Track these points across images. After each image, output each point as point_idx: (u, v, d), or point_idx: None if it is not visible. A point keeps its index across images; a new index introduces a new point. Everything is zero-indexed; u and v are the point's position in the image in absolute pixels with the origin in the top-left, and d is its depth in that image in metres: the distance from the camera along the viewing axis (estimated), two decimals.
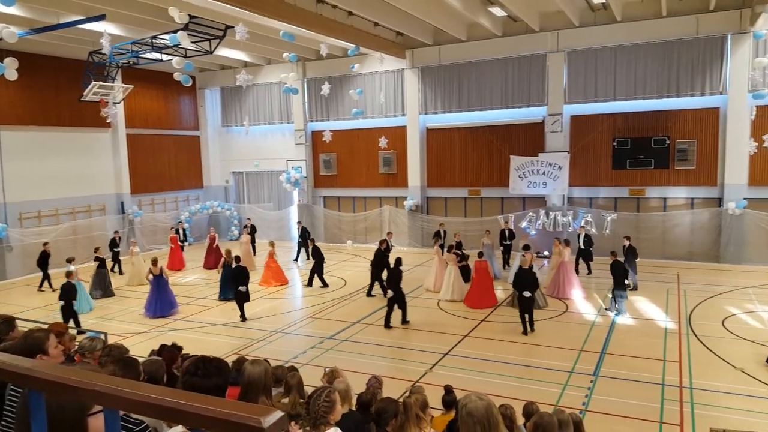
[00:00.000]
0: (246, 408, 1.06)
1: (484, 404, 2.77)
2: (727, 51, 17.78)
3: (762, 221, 17.77)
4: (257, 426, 1.01)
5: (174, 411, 1.14)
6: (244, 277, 13.73)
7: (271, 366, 3.93)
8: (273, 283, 17.29)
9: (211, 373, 2.56)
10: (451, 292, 14.89)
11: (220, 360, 2.71)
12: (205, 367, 2.57)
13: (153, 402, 1.17)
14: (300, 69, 24.51)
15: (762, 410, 8.16)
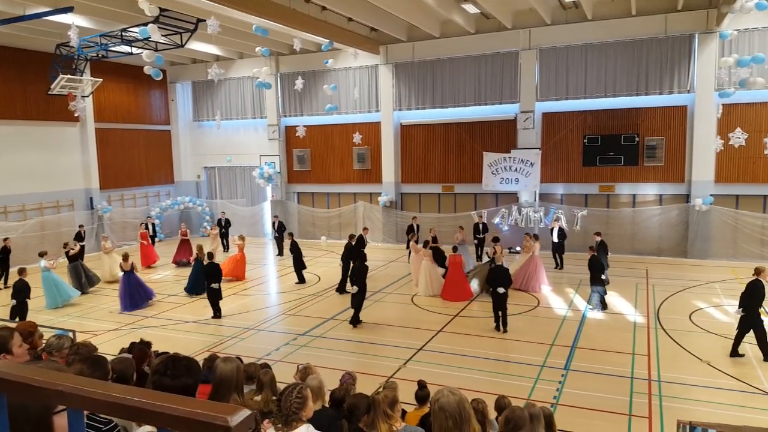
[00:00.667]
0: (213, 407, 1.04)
1: (456, 399, 2.79)
2: (694, 50, 18.19)
3: (728, 217, 18.27)
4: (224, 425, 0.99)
5: (140, 411, 1.11)
6: (216, 274, 13.43)
7: (243, 363, 3.89)
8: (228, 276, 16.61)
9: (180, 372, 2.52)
10: (430, 288, 14.90)
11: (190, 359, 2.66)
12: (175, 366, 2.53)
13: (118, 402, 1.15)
14: (273, 63, 24.29)
15: (727, 402, 8.40)
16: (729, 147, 16.18)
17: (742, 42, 17.31)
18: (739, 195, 18.36)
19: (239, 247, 17.58)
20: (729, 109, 17.33)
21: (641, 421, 7.92)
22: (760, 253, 17.74)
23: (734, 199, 18.42)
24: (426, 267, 15.08)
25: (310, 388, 4.14)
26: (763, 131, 16.36)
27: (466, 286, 14.64)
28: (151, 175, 26.47)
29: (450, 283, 14.54)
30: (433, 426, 2.84)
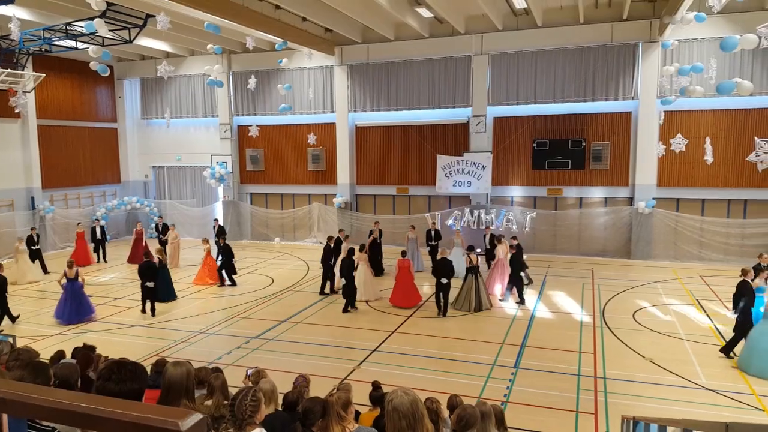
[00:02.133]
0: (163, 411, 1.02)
1: (410, 399, 2.82)
2: (638, 58, 18.93)
3: (669, 220, 19.08)
4: (175, 429, 0.98)
5: (87, 417, 1.08)
6: (151, 272, 13.60)
7: (193, 367, 3.81)
8: (209, 282, 16.79)
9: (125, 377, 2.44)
10: (363, 292, 14.48)
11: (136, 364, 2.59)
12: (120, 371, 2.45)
13: (64, 408, 1.11)
14: (225, 61, 23.88)
15: (668, 397, 8.77)
16: (670, 152, 16.91)
17: (683, 52, 18.13)
18: (679, 198, 19.21)
19: (206, 250, 17.19)
20: (670, 116, 18.12)
21: (587, 417, 8.17)
22: (698, 255, 18.62)
23: (675, 202, 19.26)
24: (361, 271, 14.61)
25: (263, 391, 4.10)
26: (702, 137, 17.15)
27: (414, 290, 14.33)
28: (96, 174, 25.55)
29: (399, 287, 14.17)
30: (387, 426, 2.86)
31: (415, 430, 2.77)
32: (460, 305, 13.75)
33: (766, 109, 17.82)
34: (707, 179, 18.65)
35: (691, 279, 16.59)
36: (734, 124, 18.24)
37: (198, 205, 25.92)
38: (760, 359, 9.36)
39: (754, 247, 18.03)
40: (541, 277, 17.00)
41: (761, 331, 9.59)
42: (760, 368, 9.34)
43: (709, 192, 18.80)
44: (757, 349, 9.48)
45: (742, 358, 9.77)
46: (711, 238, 18.59)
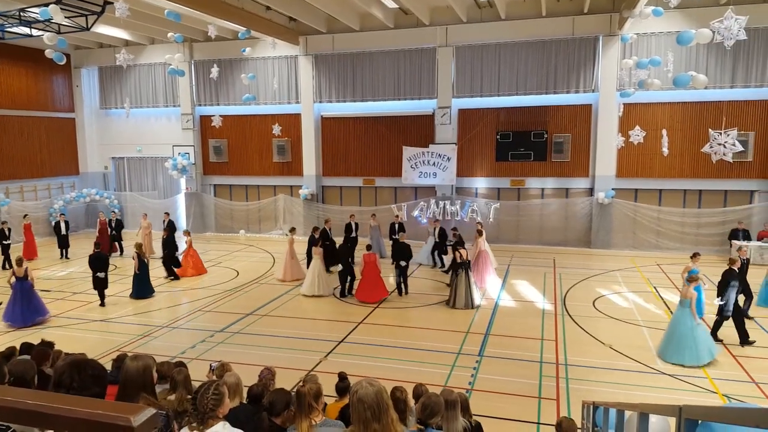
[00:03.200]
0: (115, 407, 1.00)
1: (375, 390, 2.83)
2: (598, 52, 19.29)
3: (627, 209, 19.60)
4: (127, 425, 0.96)
5: (35, 414, 1.05)
6: (101, 263, 13.64)
7: (154, 361, 3.74)
8: (192, 273, 16.66)
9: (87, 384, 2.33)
10: (315, 287, 14.32)
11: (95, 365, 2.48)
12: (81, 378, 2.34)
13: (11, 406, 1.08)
14: (187, 50, 23.35)
15: (626, 382, 9.04)
16: (629, 144, 17.32)
17: (642, 45, 18.55)
18: (637, 189, 19.75)
19: (188, 242, 16.94)
20: (629, 108, 18.56)
21: (550, 403, 8.37)
22: (656, 243, 19.20)
23: (633, 192, 19.79)
24: (314, 266, 14.52)
25: (227, 384, 4.06)
26: (659, 129, 17.59)
27: (380, 284, 13.99)
28: (53, 165, 24.75)
29: (365, 282, 13.84)
30: (352, 417, 2.87)
31: (380, 420, 2.78)
32: (454, 303, 13.22)
33: (721, 102, 18.43)
34: (664, 170, 19.21)
35: (648, 267, 17.10)
36: (690, 117, 18.81)
37: (160, 197, 25.38)
38: (678, 346, 9.62)
39: (709, 236, 18.75)
40: (505, 266, 17.27)
41: (677, 319, 9.88)
42: (679, 356, 9.60)
43: (666, 182, 19.38)
44: (675, 336, 9.72)
45: (662, 346, 9.98)
46: (668, 228, 19.19)
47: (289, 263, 16.25)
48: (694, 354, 9.54)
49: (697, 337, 9.59)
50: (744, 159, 18.07)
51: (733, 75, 18.12)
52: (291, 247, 16.31)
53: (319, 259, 14.65)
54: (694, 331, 9.61)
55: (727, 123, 16.86)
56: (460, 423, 4.56)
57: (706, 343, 9.68)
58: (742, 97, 18.34)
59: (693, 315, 9.70)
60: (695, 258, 12.63)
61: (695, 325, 9.66)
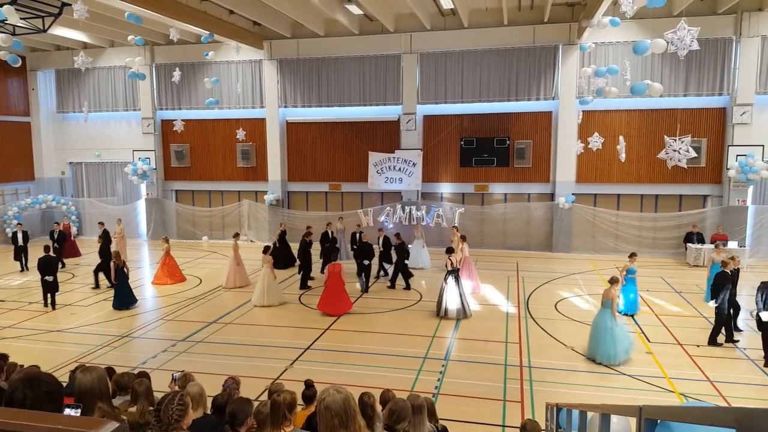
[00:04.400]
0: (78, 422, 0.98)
1: (342, 397, 2.82)
2: (558, 60, 19.75)
3: (587, 214, 20.08)
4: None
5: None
6: (50, 267, 13.69)
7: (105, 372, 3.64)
8: (169, 282, 16.26)
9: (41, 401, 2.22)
10: (264, 297, 13.87)
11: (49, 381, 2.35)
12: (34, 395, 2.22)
13: None
14: (148, 53, 22.93)
15: (588, 383, 9.25)
16: (588, 150, 17.74)
17: (600, 54, 19.07)
18: (596, 194, 20.26)
19: (165, 249, 16.49)
20: (588, 116, 19.03)
21: (514, 405, 8.48)
22: (614, 247, 19.71)
23: (592, 197, 20.30)
24: (264, 275, 13.96)
25: (190, 395, 3.99)
26: (617, 136, 18.08)
27: (344, 296, 13.28)
28: (7, 170, 23.87)
29: (328, 293, 13.19)
30: (319, 425, 2.86)
31: (347, 427, 2.78)
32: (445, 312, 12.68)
33: (675, 110, 19.06)
34: (622, 176, 19.76)
35: (608, 270, 17.52)
36: (646, 124, 19.42)
37: (119, 202, 24.77)
38: (606, 346, 9.90)
39: (665, 239, 19.36)
40: None
41: (599, 321, 10.15)
42: (607, 354, 9.89)
43: (623, 188, 19.94)
44: (602, 337, 9.98)
45: (590, 347, 10.23)
46: (626, 231, 19.73)
47: (234, 270, 16.04)
48: (612, 353, 9.87)
49: (615, 336, 9.92)
50: (697, 165, 18.74)
51: (686, 84, 18.81)
52: (236, 253, 16.11)
53: (268, 268, 14.08)
54: (613, 331, 9.94)
55: (681, 130, 17.46)
56: (426, 428, 4.58)
57: (623, 342, 10.01)
58: (695, 105, 19.05)
59: (613, 315, 10.06)
60: (632, 258, 13.14)
61: (614, 325, 9.99)
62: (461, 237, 15.78)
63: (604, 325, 10.00)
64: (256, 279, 14.93)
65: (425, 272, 17.57)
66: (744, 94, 18.34)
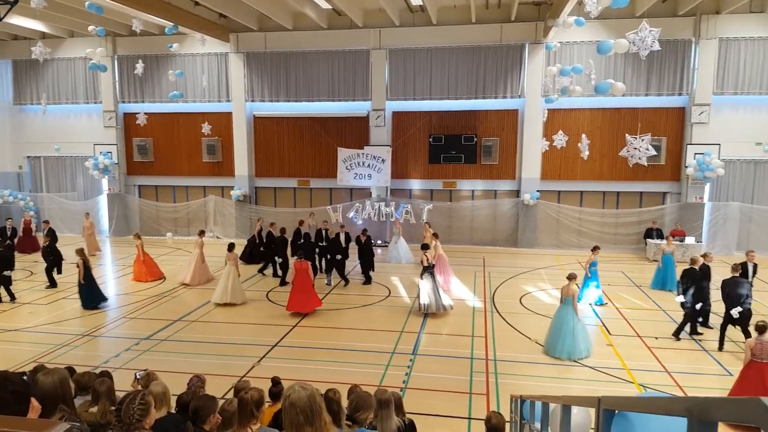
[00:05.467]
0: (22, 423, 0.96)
1: (307, 393, 2.82)
2: (525, 59, 20.02)
3: (551, 210, 20.46)
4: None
5: None
6: (7, 262, 13.88)
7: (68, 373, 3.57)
8: (148, 279, 15.92)
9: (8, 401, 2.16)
10: (227, 294, 13.63)
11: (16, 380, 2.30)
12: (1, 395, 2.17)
13: None
14: (109, 44, 22.35)
15: (551, 375, 9.46)
16: (553, 148, 18.08)
17: (565, 53, 19.42)
18: (560, 191, 20.65)
19: (138, 246, 16.03)
20: (553, 114, 19.38)
21: (480, 398, 8.62)
22: (578, 242, 20.14)
23: (557, 194, 20.69)
24: (228, 272, 13.76)
25: (153, 394, 3.94)
26: (581, 134, 18.45)
27: (312, 294, 13.11)
28: None
29: (295, 292, 12.98)
30: (285, 422, 2.85)
31: (312, 424, 2.79)
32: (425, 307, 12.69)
33: (637, 109, 19.58)
34: (585, 173, 20.19)
35: (571, 265, 17.88)
36: (609, 122, 19.88)
37: (80, 198, 24.12)
38: (565, 341, 10.12)
39: (626, 235, 19.87)
40: None
41: (560, 317, 10.36)
42: (566, 350, 10.08)
43: (586, 185, 20.38)
44: (561, 332, 10.19)
45: (549, 342, 10.42)
46: (588, 227, 20.18)
47: (200, 267, 15.89)
48: (573, 348, 10.09)
49: (576, 333, 10.14)
50: (657, 162, 19.27)
51: (647, 83, 19.31)
52: (201, 250, 15.95)
53: (233, 265, 13.91)
54: (575, 328, 10.15)
55: (642, 129, 17.93)
56: (394, 422, 4.63)
57: (584, 339, 10.26)
58: (655, 104, 19.58)
59: (575, 311, 10.30)
60: (595, 251, 13.53)
61: (576, 322, 10.22)
62: (433, 234, 15.89)
63: (566, 321, 10.20)
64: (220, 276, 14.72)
65: (401, 268, 17.62)
66: (702, 94, 18.93)
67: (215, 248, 20.76)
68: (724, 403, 1.50)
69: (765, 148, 19.03)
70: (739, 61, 18.69)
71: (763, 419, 1.23)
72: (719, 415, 1.53)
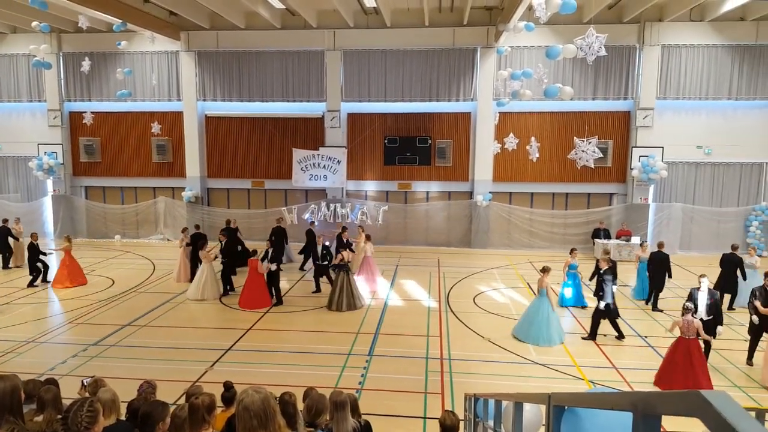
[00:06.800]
0: None
1: (261, 397, 2.81)
2: (477, 62, 20.37)
3: (503, 211, 20.88)
4: None
5: None
6: None
7: (20, 382, 3.45)
8: (68, 285, 15.16)
9: None
10: (200, 291, 13.98)
11: None
12: None
13: None
14: (54, 41, 21.53)
15: (504, 373, 9.65)
16: (504, 150, 18.43)
17: (516, 58, 19.86)
18: (512, 192, 21.10)
19: (65, 249, 15.32)
20: (504, 117, 19.77)
21: (435, 397, 8.72)
22: (528, 243, 20.63)
23: (508, 195, 21.13)
24: (202, 269, 14.11)
25: (102, 401, 3.83)
26: (531, 137, 18.92)
27: (264, 292, 13.44)
28: None
29: (247, 288, 13.41)
30: (238, 426, 2.83)
31: (266, 427, 2.78)
32: (336, 305, 13.21)
33: (585, 112, 20.22)
34: (535, 175, 20.70)
35: (522, 265, 18.34)
36: (557, 126, 20.44)
37: (23, 200, 23.11)
38: (539, 329, 10.91)
39: (575, 235, 20.46)
40: (393, 267, 17.71)
41: (536, 306, 11.15)
42: (536, 336, 10.92)
43: (537, 186, 20.90)
44: (535, 320, 10.99)
45: (522, 328, 11.26)
46: (539, 228, 20.70)
47: (185, 265, 15.85)
48: (546, 337, 10.90)
49: (549, 321, 10.93)
50: (604, 165, 19.96)
51: (594, 88, 19.95)
52: (185, 248, 15.89)
53: (207, 263, 14.16)
54: (549, 317, 10.94)
55: (589, 132, 18.54)
56: (349, 424, 4.64)
57: (556, 328, 11.07)
58: (602, 108, 20.27)
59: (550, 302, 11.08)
60: (573, 253, 13.89)
61: (551, 311, 11.00)
62: (366, 236, 16.12)
63: (540, 310, 10.96)
64: None
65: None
66: (646, 98, 19.71)
67: (166, 251, 20.29)
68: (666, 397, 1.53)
69: (705, 151, 19.96)
70: (681, 68, 19.56)
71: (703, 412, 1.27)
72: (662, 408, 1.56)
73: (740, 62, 19.36)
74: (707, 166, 20.08)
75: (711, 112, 19.90)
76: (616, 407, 1.93)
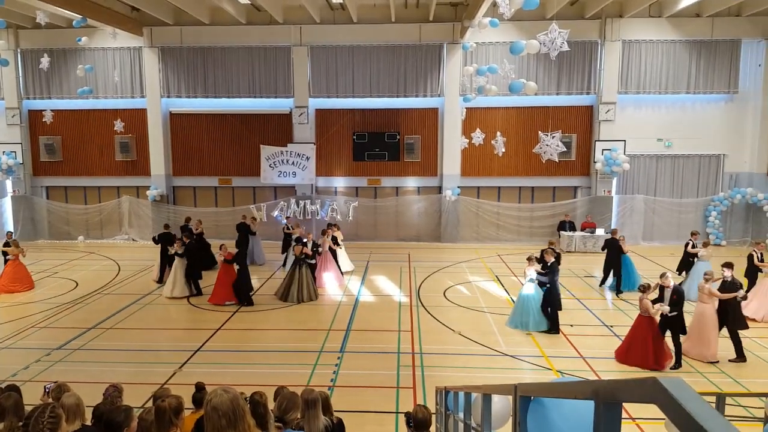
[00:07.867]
0: None
1: (230, 397, 2.79)
2: (443, 58, 20.48)
3: (471, 206, 21.10)
4: None
5: None
6: None
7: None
8: (17, 289, 14.57)
9: None
10: (172, 288, 14.05)
11: None
12: None
13: None
14: (12, 37, 20.84)
15: (475, 365, 9.79)
16: (471, 145, 18.61)
17: (481, 53, 20.02)
18: (479, 186, 21.33)
19: (15, 254, 14.71)
20: (471, 113, 19.92)
21: (407, 391, 8.79)
22: (496, 236, 20.90)
23: (476, 190, 21.35)
24: (176, 266, 14.18)
25: (65, 406, 3.76)
26: (496, 132, 19.16)
27: (228, 289, 13.51)
28: None
29: (219, 284, 13.63)
30: (207, 427, 2.81)
31: (236, 427, 2.76)
32: (285, 296, 13.73)
33: (549, 107, 20.54)
34: (502, 169, 20.96)
35: (491, 258, 18.57)
36: (522, 120, 20.73)
37: None
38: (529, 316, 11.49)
39: (541, 227, 20.82)
40: (364, 262, 17.73)
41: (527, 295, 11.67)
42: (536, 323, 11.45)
43: (503, 180, 21.17)
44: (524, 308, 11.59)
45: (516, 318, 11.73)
46: (506, 222, 20.99)
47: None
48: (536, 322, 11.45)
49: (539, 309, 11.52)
50: (568, 158, 20.33)
51: (558, 83, 20.29)
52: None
53: (180, 262, 14.11)
54: (537, 304, 11.51)
55: (553, 126, 18.86)
56: (321, 421, 4.64)
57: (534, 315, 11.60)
58: (566, 103, 20.62)
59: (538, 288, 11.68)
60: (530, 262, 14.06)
61: (539, 298, 11.52)
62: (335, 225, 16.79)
63: (528, 298, 11.57)
64: None
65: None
66: (608, 93, 20.13)
67: (132, 251, 19.91)
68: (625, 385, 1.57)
69: (666, 144, 20.51)
70: (641, 62, 20.02)
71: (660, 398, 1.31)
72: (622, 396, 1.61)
73: (697, 57, 19.93)
74: (667, 158, 20.62)
75: (670, 106, 20.44)
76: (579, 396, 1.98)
